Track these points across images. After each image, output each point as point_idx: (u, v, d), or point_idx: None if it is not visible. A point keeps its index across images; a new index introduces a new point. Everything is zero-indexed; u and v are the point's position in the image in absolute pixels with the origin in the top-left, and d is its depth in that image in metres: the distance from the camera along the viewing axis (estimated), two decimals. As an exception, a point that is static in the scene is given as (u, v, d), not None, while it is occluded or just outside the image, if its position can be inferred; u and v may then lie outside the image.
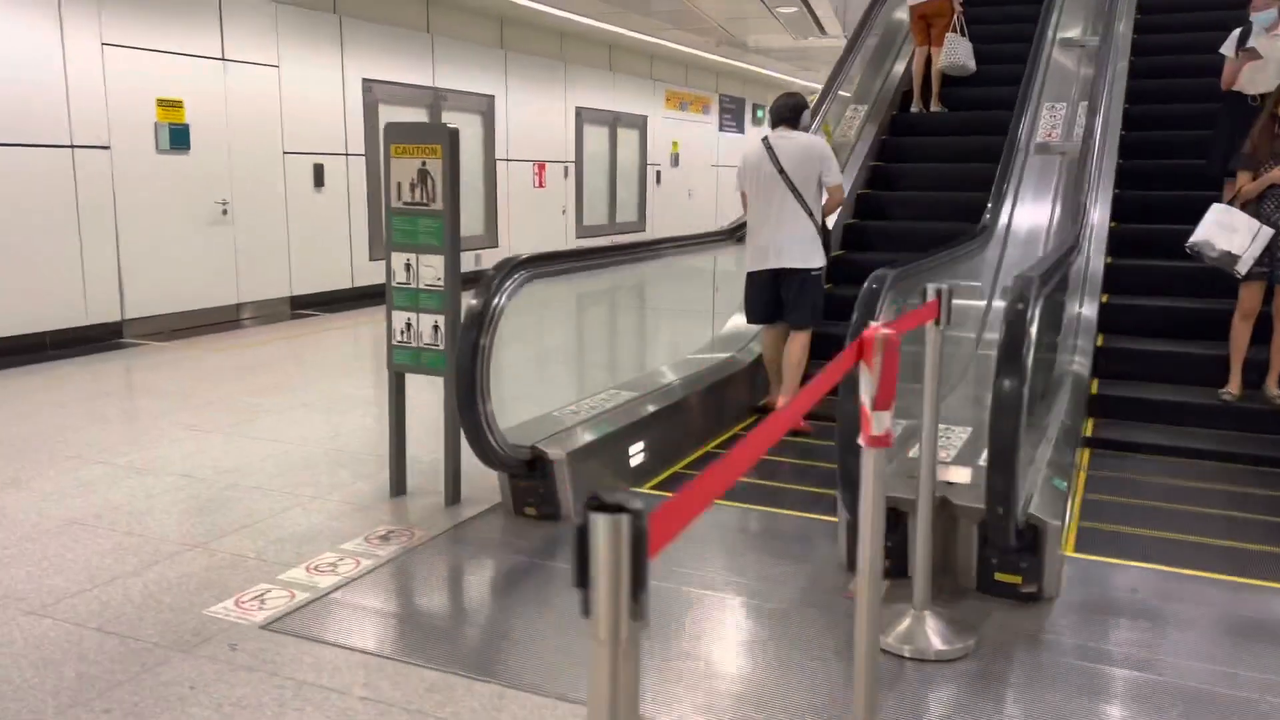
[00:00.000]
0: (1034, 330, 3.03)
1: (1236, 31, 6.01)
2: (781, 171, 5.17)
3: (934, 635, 2.90)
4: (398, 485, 4.19)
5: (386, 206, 4.01)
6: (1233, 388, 5.04)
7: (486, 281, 3.61)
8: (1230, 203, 4.95)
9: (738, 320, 6.12)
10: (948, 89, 8.24)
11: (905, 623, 2.96)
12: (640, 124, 15.87)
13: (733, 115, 19.23)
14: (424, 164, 3.90)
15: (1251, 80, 5.87)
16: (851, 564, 3.41)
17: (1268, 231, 4.75)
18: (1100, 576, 3.40)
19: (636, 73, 15.76)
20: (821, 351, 5.26)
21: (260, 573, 3.38)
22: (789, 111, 5.35)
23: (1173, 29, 8.42)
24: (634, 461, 4.35)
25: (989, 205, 6.13)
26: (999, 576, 3.22)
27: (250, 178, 9.04)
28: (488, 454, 3.65)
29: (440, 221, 3.90)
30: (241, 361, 7.21)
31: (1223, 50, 6.07)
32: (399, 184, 3.96)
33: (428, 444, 4.42)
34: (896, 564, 3.36)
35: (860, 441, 2.01)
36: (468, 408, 3.55)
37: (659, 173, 16.50)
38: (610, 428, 4.20)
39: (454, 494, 4.07)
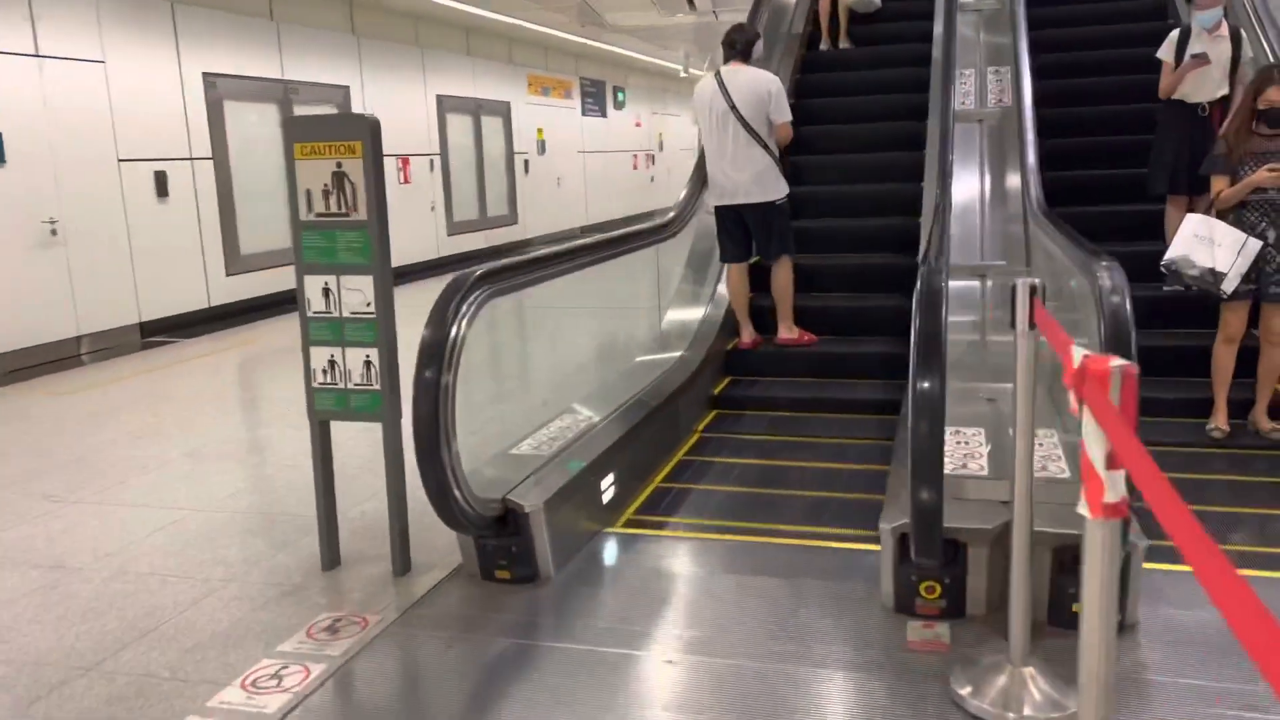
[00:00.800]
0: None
1: (1174, 34, 5.38)
2: (733, 107, 5.20)
3: (1039, 695, 2.45)
4: (330, 555, 3.47)
5: (293, 220, 3.27)
6: (1220, 421, 4.37)
7: (442, 306, 2.93)
8: (1206, 211, 4.25)
9: (678, 314, 5.61)
10: (855, 26, 8.29)
11: (1000, 680, 2.50)
12: (504, 111, 15.10)
13: (595, 99, 18.64)
14: (339, 165, 3.18)
15: (1196, 88, 5.28)
16: (902, 605, 2.94)
17: (1255, 244, 4.01)
18: (1175, 594, 3.03)
19: (496, 57, 14.96)
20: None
21: (183, 700, 2.63)
22: (741, 45, 5.33)
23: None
24: (606, 497, 3.76)
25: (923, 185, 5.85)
26: (1077, 609, 2.79)
27: (81, 191, 7.89)
28: (456, 516, 2.99)
29: (365, 235, 3.20)
30: (93, 405, 6.19)
31: (1160, 55, 5.43)
32: (308, 191, 3.23)
33: (353, 491, 3.72)
34: (953, 603, 2.91)
35: (1081, 510, 1.50)
36: (432, 463, 2.88)
37: (527, 161, 15.77)
38: (581, 462, 3.60)
39: (403, 561, 3.39)
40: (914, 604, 2.92)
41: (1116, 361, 1.41)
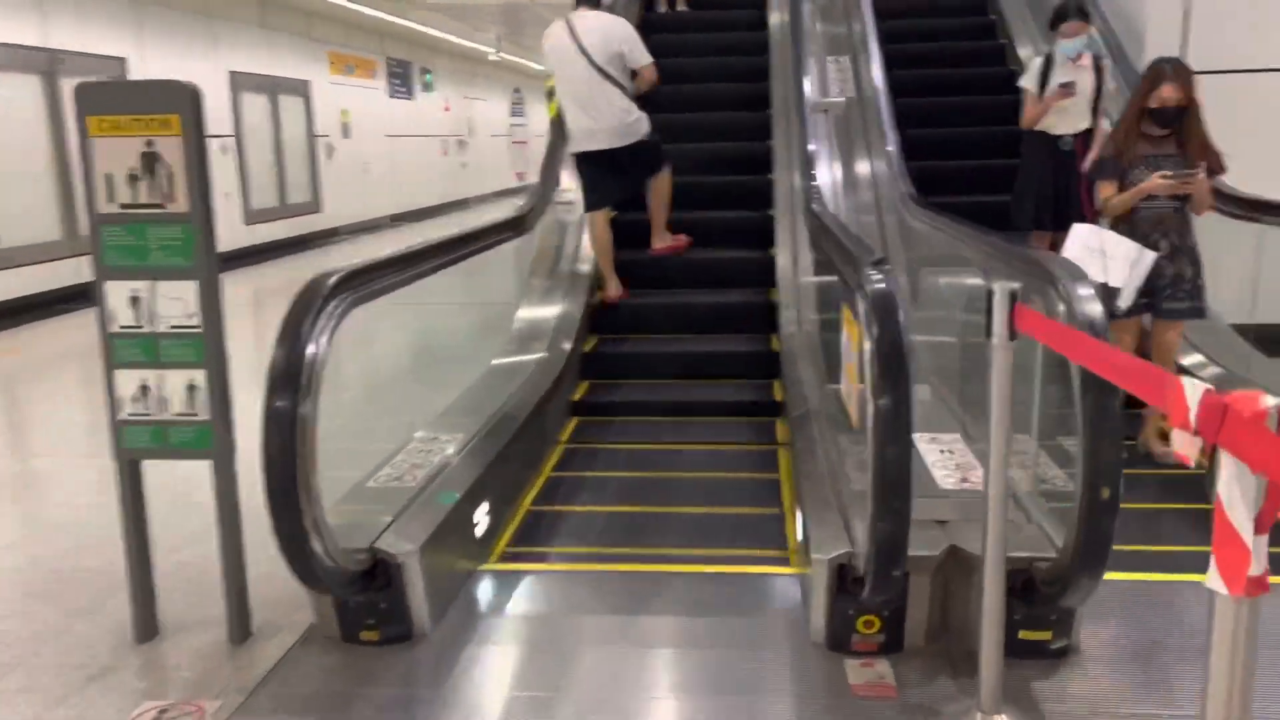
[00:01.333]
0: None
1: (1037, 62, 5.15)
2: (584, 52, 5.10)
3: (1015, 746, 2.20)
4: (146, 622, 2.82)
5: (91, 211, 2.61)
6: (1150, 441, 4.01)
7: (295, 320, 2.37)
8: (1094, 220, 3.93)
9: (534, 312, 5.16)
10: None
11: (970, 732, 2.24)
12: (304, 90, 14.01)
13: (401, 80, 17.69)
14: (150, 144, 2.55)
15: (1060, 119, 5.07)
16: (837, 642, 2.64)
17: (1150, 256, 3.57)
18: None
19: (294, 31, 13.84)
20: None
21: None
22: None
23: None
24: (479, 530, 3.28)
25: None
26: (1024, 635, 2.59)
27: None
28: (318, 575, 2.45)
29: (188, 230, 2.58)
30: None
31: (1023, 84, 5.20)
32: (109, 176, 2.57)
33: (162, 537, 3.07)
34: (892, 637, 2.64)
35: (1214, 585, 1.20)
36: (288, 513, 2.33)
37: (330, 145, 14.72)
38: (454, 494, 3.10)
39: (241, 625, 2.80)
40: (850, 640, 2.63)
41: (1271, 400, 1.11)
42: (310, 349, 2.35)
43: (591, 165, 5.27)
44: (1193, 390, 1.22)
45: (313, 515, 2.38)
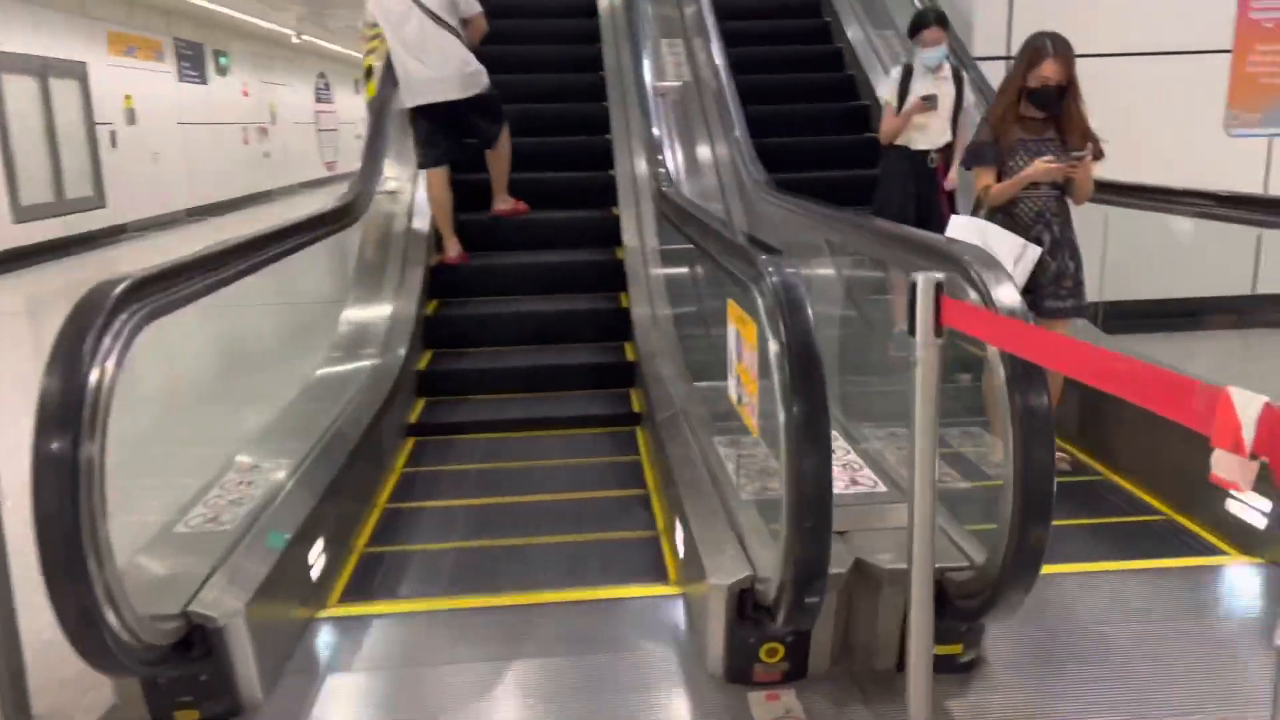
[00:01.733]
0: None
1: (895, 72, 4.82)
2: (418, 1, 4.94)
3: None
4: (-113, 723, 2.25)
5: None
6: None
7: (72, 340, 1.87)
8: (974, 211, 3.58)
9: (359, 312, 4.67)
10: None
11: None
12: (80, 73, 12.65)
13: (193, 63, 16.34)
14: None
15: (921, 133, 4.73)
16: (737, 674, 2.38)
17: (1035, 251, 3.35)
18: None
19: (66, 8, 12.46)
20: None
21: None
22: None
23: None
24: (315, 571, 2.84)
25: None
26: (936, 650, 2.40)
27: None
28: (114, 656, 1.96)
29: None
30: None
31: (882, 95, 4.89)
32: None
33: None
34: (796, 664, 2.40)
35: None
36: (69, 584, 1.84)
37: (114, 133, 13.39)
38: (284, 534, 2.64)
39: (20, 712, 2.27)
40: (752, 671, 2.38)
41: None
42: (92, 376, 1.86)
43: (429, 119, 5.09)
44: (1246, 402, 1.00)
45: (104, 582, 1.90)
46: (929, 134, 4.72)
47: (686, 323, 4.62)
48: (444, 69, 4.97)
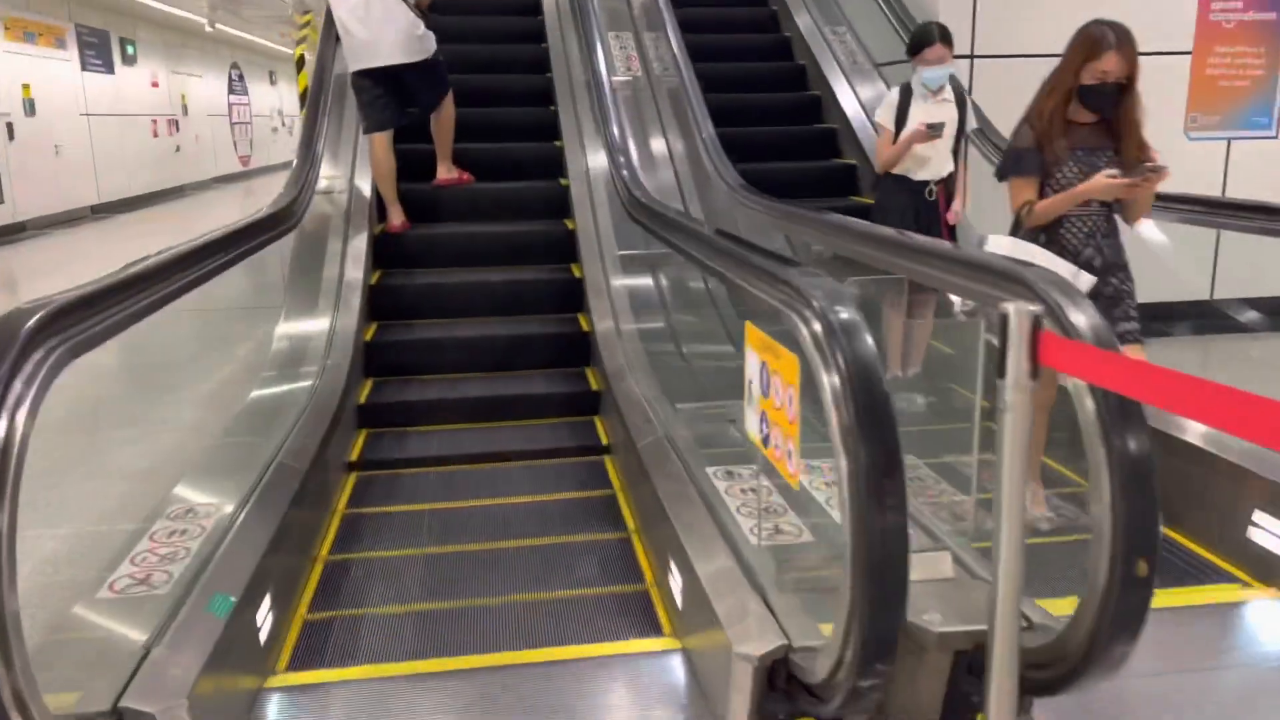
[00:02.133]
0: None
1: (893, 93, 4.33)
2: None
3: None
4: None
5: None
6: (1038, 503, 3.16)
7: (-29, 389, 1.49)
8: (1014, 230, 3.07)
9: (294, 326, 4.26)
10: None
11: None
12: (-28, 59, 11.79)
13: (97, 51, 15.43)
14: None
15: (922, 162, 4.23)
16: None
17: (1087, 279, 2.79)
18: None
19: (-46, -11, 11.60)
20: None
21: None
22: None
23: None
24: (264, 634, 2.47)
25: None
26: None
27: None
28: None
29: None
30: None
31: (878, 119, 4.39)
32: None
33: None
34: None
35: None
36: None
37: (10, 125, 12.52)
38: (230, 598, 2.27)
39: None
40: (779, 748, 2.10)
41: None
42: (6, 429, 1.49)
43: (374, 84, 5.00)
44: None
45: (11, 685, 1.53)
46: (931, 164, 4.25)
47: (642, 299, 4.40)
48: (390, 33, 4.88)
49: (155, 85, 17.93)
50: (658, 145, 5.74)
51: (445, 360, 4.58)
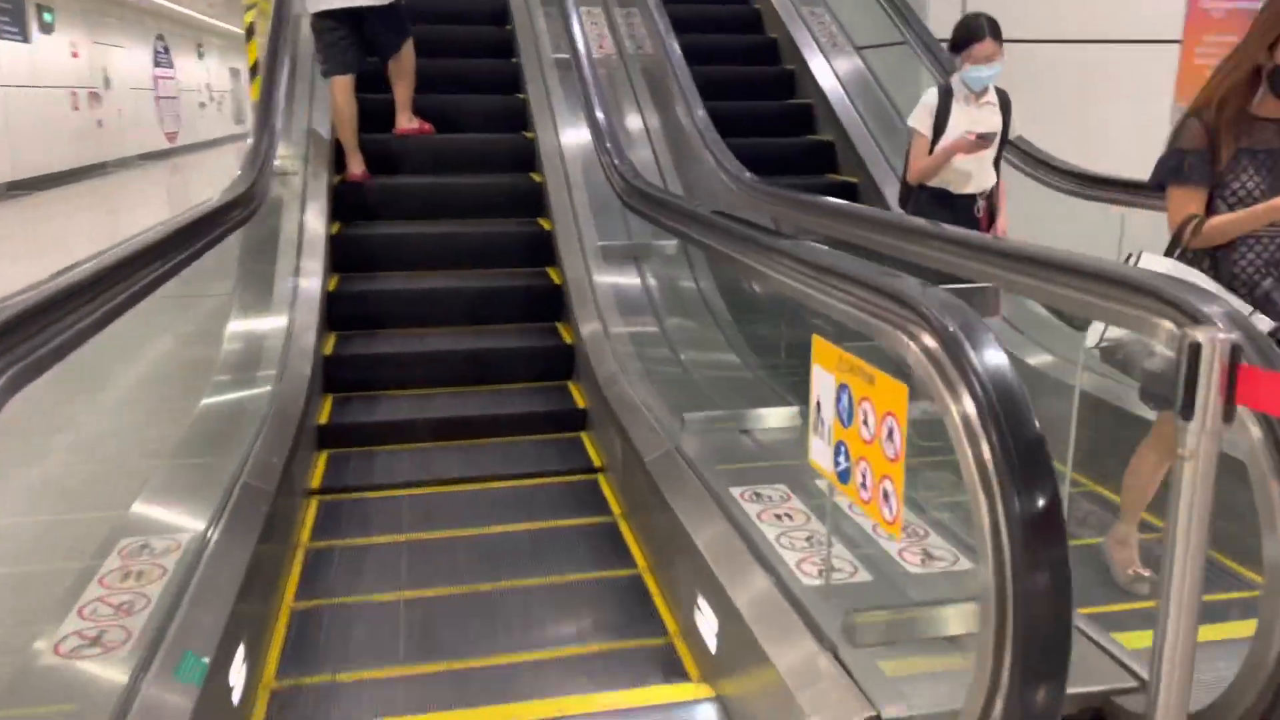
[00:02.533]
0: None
1: (930, 95, 3.77)
2: None
3: None
4: None
5: None
6: (1134, 563, 2.60)
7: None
8: (1171, 251, 2.45)
9: (247, 324, 3.86)
10: None
11: None
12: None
13: (12, 18, 14.49)
14: None
15: (964, 175, 3.75)
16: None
17: (1266, 323, 2.18)
18: None
19: None
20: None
21: None
22: None
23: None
24: (237, 694, 2.11)
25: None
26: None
27: None
28: None
29: None
30: None
31: (913, 124, 3.82)
32: None
33: None
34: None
35: None
36: None
37: (-83, 95, 11.67)
38: (202, 659, 1.92)
39: None
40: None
41: None
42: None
43: (336, 25, 4.87)
44: None
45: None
46: (975, 177, 3.76)
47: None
48: None
49: (75, 56, 16.96)
50: (634, 123, 5.44)
51: (408, 313, 4.46)
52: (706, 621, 2.33)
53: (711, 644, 2.30)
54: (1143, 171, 3.73)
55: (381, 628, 2.57)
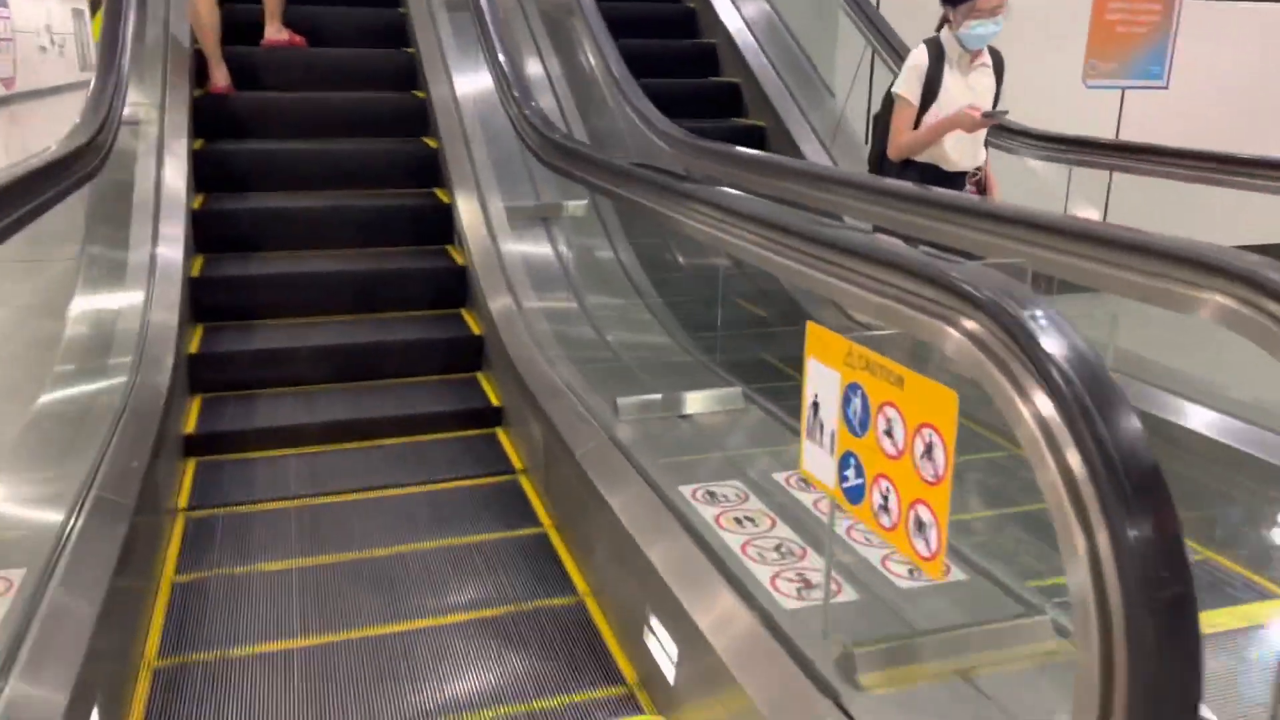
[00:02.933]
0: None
1: (918, 54, 3.29)
2: None
3: None
4: None
5: None
6: None
7: None
8: None
9: (95, 300, 3.33)
10: None
11: None
12: None
13: None
14: None
15: (959, 148, 3.33)
16: None
17: None
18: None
19: None
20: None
21: None
22: None
23: None
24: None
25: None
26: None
27: None
28: None
29: None
30: None
31: (898, 89, 3.35)
32: None
33: None
34: None
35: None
36: None
37: None
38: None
39: None
40: None
41: None
42: None
43: None
44: None
45: None
46: (966, 151, 3.34)
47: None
48: None
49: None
50: (534, 69, 5.02)
51: (283, 234, 4.19)
52: (661, 648, 2.02)
53: (670, 675, 1.98)
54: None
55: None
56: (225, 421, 3.28)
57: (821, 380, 1.53)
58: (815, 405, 1.56)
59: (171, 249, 3.61)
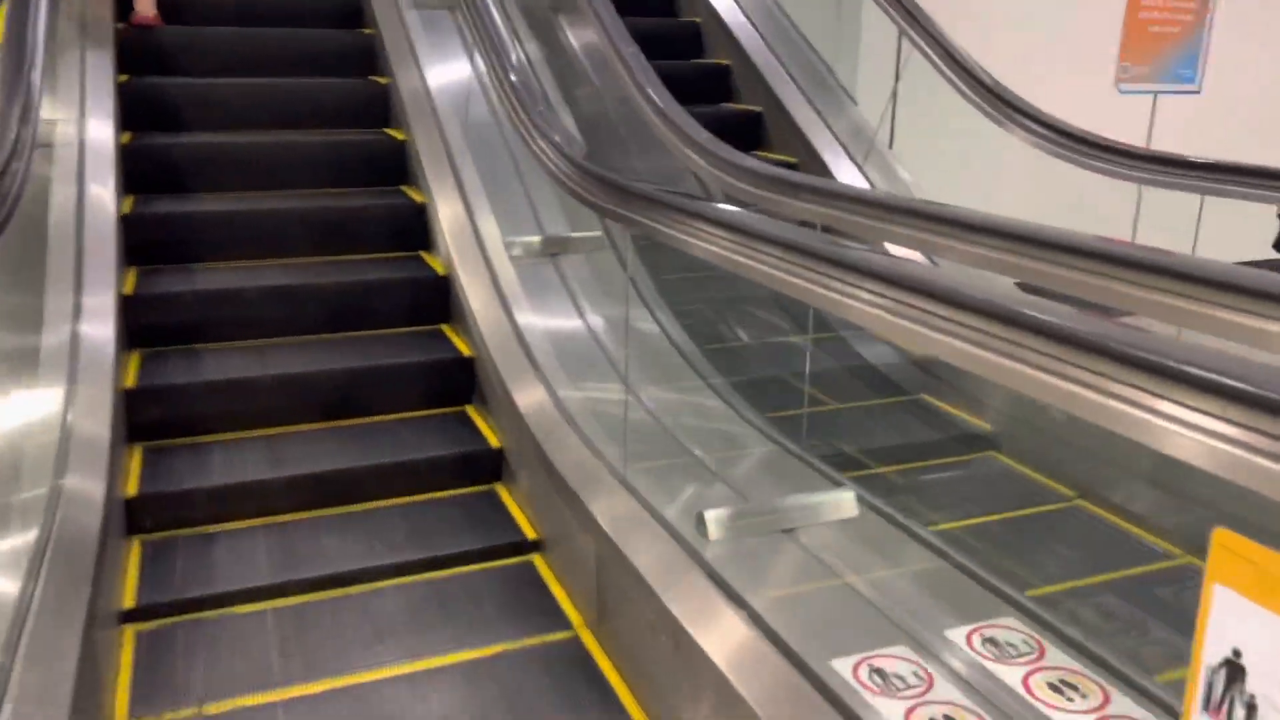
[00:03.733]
0: None
1: None
2: None
3: None
4: None
5: None
6: None
7: None
8: None
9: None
10: None
11: None
12: None
13: None
14: None
15: None
16: None
17: None
18: None
19: None
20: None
21: None
22: None
23: None
24: None
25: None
26: None
27: None
28: None
29: None
30: None
31: None
32: None
33: None
34: None
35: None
36: None
37: None
38: None
39: None
40: None
41: None
42: None
43: None
44: None
45: None
46: None
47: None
48: None
49: None
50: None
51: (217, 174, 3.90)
52: None
53: None
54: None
55: None
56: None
57: (1248, 627, 0.93)
58: (1232, 667, 0.95)
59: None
